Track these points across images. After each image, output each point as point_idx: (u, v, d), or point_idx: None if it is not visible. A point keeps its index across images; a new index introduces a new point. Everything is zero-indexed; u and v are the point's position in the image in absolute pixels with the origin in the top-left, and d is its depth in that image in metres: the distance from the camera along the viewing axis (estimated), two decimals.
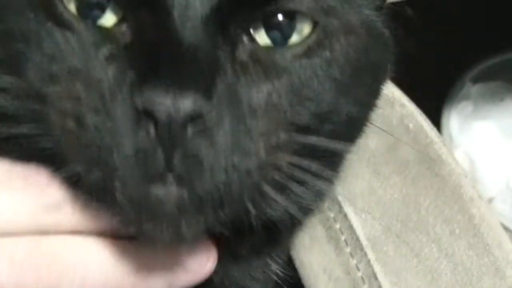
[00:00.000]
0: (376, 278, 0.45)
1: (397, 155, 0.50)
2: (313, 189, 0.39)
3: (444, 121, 1.03)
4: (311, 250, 0.47)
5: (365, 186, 0.49)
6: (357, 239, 0.47)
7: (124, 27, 0.34)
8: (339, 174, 0.44)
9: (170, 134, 0.31)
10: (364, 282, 0.45)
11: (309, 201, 0.39)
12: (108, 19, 0.35)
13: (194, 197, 0.33)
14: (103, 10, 0.35)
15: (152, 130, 0.31)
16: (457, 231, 0.48)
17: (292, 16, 0.36)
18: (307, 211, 0.41)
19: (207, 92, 0.32)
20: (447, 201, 0.49)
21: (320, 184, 0.39)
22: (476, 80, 1.07)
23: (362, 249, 0.47)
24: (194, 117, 0.31)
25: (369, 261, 0.46)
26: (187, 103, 0.31)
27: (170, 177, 0.32)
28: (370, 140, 0.50)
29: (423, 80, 1.07)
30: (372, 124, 0.50)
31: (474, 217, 0.49)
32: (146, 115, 0.31)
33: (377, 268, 0.46)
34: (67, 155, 0.34)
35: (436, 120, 1.04)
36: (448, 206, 0.49)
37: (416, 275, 0.46)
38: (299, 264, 0.47)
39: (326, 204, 0.48)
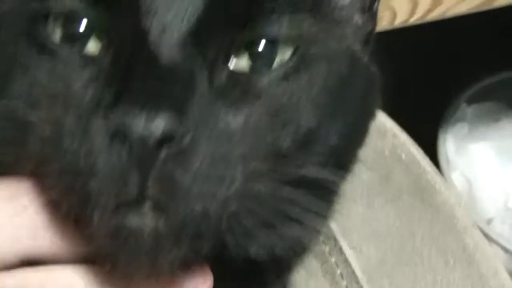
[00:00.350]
0: None
1: (390, 186, 0.51)
2: (303, 226, 0.38)
3: (440, 144, 1.03)
4: (307, 285, 0.47)
5: (359, 219, 0.49)
6: (353, 272, 0.47)
7: (106, 51, 0.34)
8: (333, 208, 0.44)
9: (143, 156, 0.31)
10: None
11: (300, 239, 0.38)
12: (93, 46, 0.35)
13: (171, 226, 0.32)
14: (88, 38, 0.35)
15: (125, 152, 0.31)
16: (451, 261, 0.48)
17: (273, 41, 0.36)
18: (298, 251, 0.40)
19: (182, 113, 0.31)
20: (441, 231, 0.49)
21: (311, 219, 0.37)
22: (471, 102, 1.08)
23: (358, 282, 0.47)
24: (168, 139, 0.31)
25: None
26: (160, 124, 0.31)
27: (145, 206, 0.32)
28: (363, 172, 0.50)
29: (417, 104, 1.08)
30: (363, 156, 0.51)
31: (468, 246, 0.49)
32: (119, 136, 0.31)
33: None
34: (45, 181, 0.34)
35: (432, 143, 1.05)
36: (442, 236, 0.49)
37: None
38: None
39: (321, 238, 0.49)
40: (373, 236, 0.48)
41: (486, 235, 0.97)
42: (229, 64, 0.35)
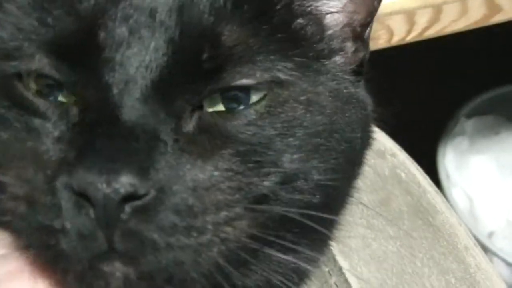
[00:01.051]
0: None
1: (391, 206, 0.51)
2: (287, 266, 0.37)
3: (440, 158, 1.03)
4: None
5: (360, 240, 0.49)
6: None
7: (73, 107, 0.34)
8: (330, 236, 0.43)
9: (107, 215, 0.31)
10: None
11: (283, 278, 0.37)
12: (62, 102, 0.35)
13: (142, 274, 0.33)
14: (57, 94, 0.35)
15: (91, 211, 0.31)
16: (453, 281, 0.48)
17: (245, 88, 0.35)
18: (295, 280, 0.39)
19: (144, 171, 0.32)
20: (442, 251, 0.49)
21: (294, 259, 0.37)
22: (470, 115, 1.08)
23: None
24: (131, 197, 0.31)
25: None
26: (121, 183, 0.31)
27: (115, 257, 0.32)
28: (363, 193, 0.50)
29: (417, 120, 1.08)
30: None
31: (469, 266, 0.49)
32: (83, 197, 0.31)
33: None
34: (19, 238, 0.35)
35: (434, 158, 1.04)
36: (443, 256, 0.49)
37: None
38: None
39: (321, 259, 0.48)
40: (373, 258, 0.48)
41: (488, 249, 0.97)
42: (197, 113, 0.35)
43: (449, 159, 1.04)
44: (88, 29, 0.34)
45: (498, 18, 0.66)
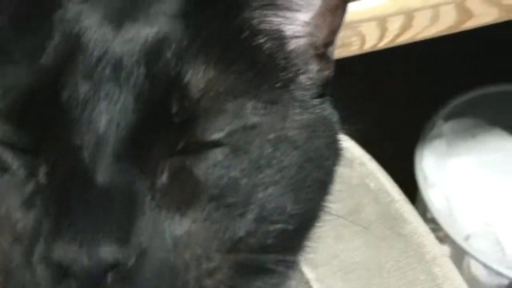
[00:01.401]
0: None
1: (359, 216, 0.50)
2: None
3: (417, 161, 1.03)
4: None
5: (327, 251, 0.48)
6: None
7: (42, 169, 0.33)
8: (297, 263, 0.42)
9: (89, 286, 0.30)
10: None
11: None
12: (32, 167, 0.33)
13: None
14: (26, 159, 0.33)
15: (73, 284, 0.30)
16: None
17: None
18: None
19: (124, 238, 0.31)
20: (409, 261, 0.49)
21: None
22: (448, 118, 1.08)
23: None
24: (113, 266, 0.30)
25: None
26: (103, 255, 0.30)
27: None
28: (331, 203, 0.50)
29: (395, 123, 1.08)
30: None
31: (437, 276, 0.48)
32: (64, 269, 0.30)
33: None
34: None
35: (412, 162, 1.04)
36: (411, 267, 0.48)
37: None
38: None
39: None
40: (340, 269, 0.47)
41: (465, 251, 0.97)
42: (168, 162, 0.33)
43: (427, 161, 1.04)
44: (50, 89, 0.32)
45: (469, 24, 0.66)
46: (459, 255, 1.01)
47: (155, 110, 0.33)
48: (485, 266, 0.97)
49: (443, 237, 1.02)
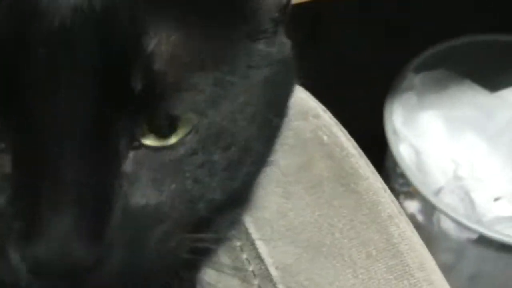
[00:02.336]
0: None
1: (311, 172, 0.45)
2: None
3: (387, 114, 0.98)
4: (217, 285, 0.42)
5: (275, 210, 0.43)
6: (266, 269, 0.42)
7: (13, 168, 0.29)
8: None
9: (66, 284, 0.29)
10: None
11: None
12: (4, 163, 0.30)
13: None
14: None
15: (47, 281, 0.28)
16: (374, 253, 0.43)
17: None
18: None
19: (96, 237, 0.28)
20: (364, 220, 0.44)
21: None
22: (418, 70, 1.03)
23: (271, 280, 0.41)
24: (85, 265, 0.28)
25: None
26: (77, 257, 0.28)
27: None
28: (281, 158, 0.45)
29: (364, 77, 1.03)
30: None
31: (392, 236, 0.44)
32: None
33: None
34: None
35: (382, 116, 1.00)
36: (365, 226, 0.44)
37: None
38: None
39: (233, 232, 0.43)
40: (289, 229, 0.43)
41: (434, 206, 0.93)
42: (133, 151, 0.30)
43: (397, 114, 0.99)
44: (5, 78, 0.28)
45: None
46: (429, 210, 0.97)
47: (115, 88, 0.29)
48: (454, 220, 0.94)
49: (413, 192, 0.99)
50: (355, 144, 0.48)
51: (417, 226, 0.97)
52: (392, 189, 0.97)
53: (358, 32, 1.05)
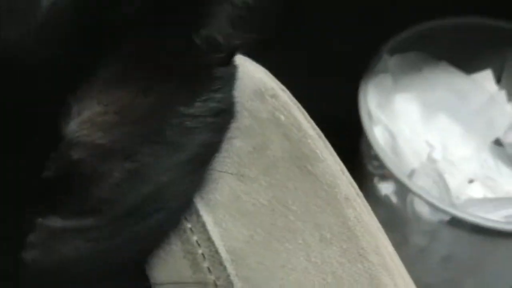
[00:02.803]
0: None
1: (266, 154, 0.43)
2: None
3: (361, 96, 0.96)
4: (165, 268, 0.40)
5: (228, 192, 0.42)
6: (216, 252, 0.40)
7: None
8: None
9: None
10: None
11: None
12: None
13: None
14: None
15: None
16: (328, 236, 0.41)
17: None
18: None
19: None
20: (319, 203, 0.42)
21: None
22: (393, 52, 1.01)
23: (221, 263, 0.40)
24: None
25: (228, 276, 0.39)
26: None
27: None
28: (236, 139, 0.43)
29: (339, 59, 1.01)
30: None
31: (348, 219, 0.42)
32: None
33: (237, 285, 0.39)
34: None
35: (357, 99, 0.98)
36: (320, 209, 0.42)
37: None
38: (153, 284, 0.40)
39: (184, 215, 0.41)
40: (241, 212, 0.41)
41: (408, 188, 0.92)
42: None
43: (371, 97, 0.97)
44: None
45: None
46: (403, 192, 0.96)
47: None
48: (427, 202, 0.92)
49: (387, 174, 0.98)
50: (315, 125, 0.46)
51: (391, 208, 0.96)
52: (367, 172, 0.96)
53: (332, 14, 1.03)
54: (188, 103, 0.32)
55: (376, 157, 0.96)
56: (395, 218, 1.00)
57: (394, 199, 0.97)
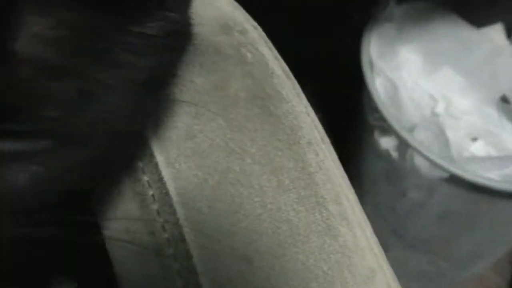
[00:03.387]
0: (184, 241, 0.36)
1: (227, 92, 0.40)
2: None
3: (364, 46, 0.92)
4: (113, 208, 0.37)
5: (184, 131, 0.38)
6: (167, 193, 0.37)
7: None
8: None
9: None
10: (169, 245, 0.36)
11: None
12: None
13: None
14: None
15: None
16: (286, 181, 0.38)
17: None
18: None
19: None
20: (279, 146, 0.39)
21: None
22: (400, 1, 0.96)
23: (171, 205, 0.37)
24: None
25: (178, 220, 0.36)
26: None
27: None
28: (196, 75, 0.40)
29: (344, 7, 0.96)
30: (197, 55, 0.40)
31: (309, 164, 0.39)
32: None
33: (186, 229, 0.36)
34: None
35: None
36: (280, 152, 0.39)
37: (231, 236, 0.36)
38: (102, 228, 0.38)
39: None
40: (196, 152, 0.38)
41: (408, 143, 0.88)
42: None
43: (374, 46, 0.93)
44: None
45: None
46: (403, 147, 0.93)
47: None
48: (427, 158, 0.89)
49: (387, 127, 0.94)
50: (284, 65, 0.42)
51: (391, 162, 0.92)
52: (367, 123, 0.92)
53: None
54: (139, 21, 0.29)
55: (376, 109, 0.92)
56: (394, 173, 0.97)
57: (394, 153, 0.94)
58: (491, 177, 0.85)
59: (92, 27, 0.27)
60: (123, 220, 0.37)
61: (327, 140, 0.40)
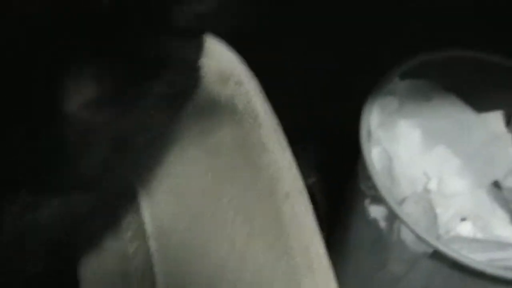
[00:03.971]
0: (151, 270, 0.37)
1: (213, 138, 0.41)
2: None
3: (364, 114, 0.94)
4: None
5: (166, 169, 0.40)
6: (143, 223, 0.38)
7: None
8: None
9: None
10: (137, 272, 0.37)
11: None
12: None
13: None
14: None
15: None
16: (257, 230, 0.39)
17: None
18: None
19: None
20: (256, 195, 0.40)
21: None
22: (404, 77, 0.98)
23: (144, 237, 0.38)
24: None
25: (148, 250, 0.38)
26: None
27: None
28: (188, 118, 0.41)
29: (349, 78, 0.99)
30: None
31: (283, 216, 0.40)
32: None
33: (156, 260, 0.38)
34: None
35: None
36: (257, 201, 0.40)
37: (197, 276, 0.37)
38: None
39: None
40: (174, 190, 0.39)
41: (396, 214, 0.89)
42: None
43: (374, 116, 0.94)
44: None
45: None
46: (391, 218, 0.93)
47: None
48: (413, 232, 0.89)
49: (378, 196, 0.95)
50: (274, 118, 0.44)
51: (378, 231, 0.93)
52: (360, 190, 0.93)
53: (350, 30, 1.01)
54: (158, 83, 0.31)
55: (369, 178, 0.93)
56: (379, 243, 0.97)
57: (382, 223, 0.94)
58: (475, 258, 0.85)
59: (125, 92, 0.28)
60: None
61: (305, 194, 0.42)
